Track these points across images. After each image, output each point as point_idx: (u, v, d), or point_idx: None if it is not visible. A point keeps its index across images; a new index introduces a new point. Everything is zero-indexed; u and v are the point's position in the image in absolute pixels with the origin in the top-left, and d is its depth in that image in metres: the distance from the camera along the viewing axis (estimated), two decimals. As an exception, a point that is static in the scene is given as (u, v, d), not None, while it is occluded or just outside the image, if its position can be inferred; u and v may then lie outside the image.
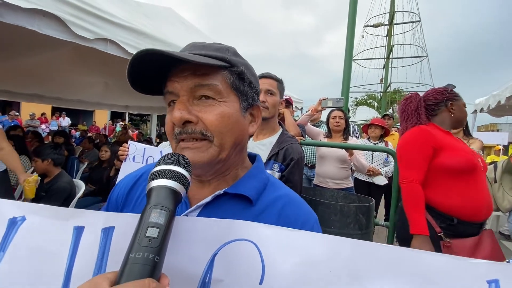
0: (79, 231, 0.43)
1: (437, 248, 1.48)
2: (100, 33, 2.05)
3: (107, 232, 0.42)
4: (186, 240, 0.40)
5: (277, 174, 1.36)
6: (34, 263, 0.42)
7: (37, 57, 3.09)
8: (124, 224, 0.42)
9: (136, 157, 1.69)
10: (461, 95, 1.71)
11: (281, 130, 1.54)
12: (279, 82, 1.52)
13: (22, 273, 0.42)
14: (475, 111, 5.48)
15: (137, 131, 11.95)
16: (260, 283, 0.37)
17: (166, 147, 2.03)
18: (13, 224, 0.45)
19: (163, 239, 0.34)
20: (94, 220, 0.43)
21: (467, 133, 2.19)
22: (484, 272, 0.35)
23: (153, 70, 0.50)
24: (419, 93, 1.79)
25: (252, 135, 1.40)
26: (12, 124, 6.05)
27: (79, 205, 2.67)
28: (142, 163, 1.68)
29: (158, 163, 0.42)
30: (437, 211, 1.53)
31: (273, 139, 1.48)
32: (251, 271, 0.38)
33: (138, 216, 0.42)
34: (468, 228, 1.48)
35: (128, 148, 1.71)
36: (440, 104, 1.67)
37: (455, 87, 1.71)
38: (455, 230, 1.49)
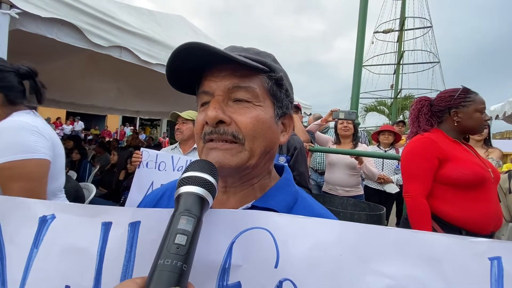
0: (107, 226, 0.46)
1: None
2: (114, 40, 2.12)
3: (134, 226, 0.45)
4: (206, 230, 0.42)
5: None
6: (66, 259, 0.45)
7: (54, 64, 3.22)
8: (149, 218, 0.45)
9: (149, 163, 1.79)
10: (476, 97, 1.47)
11: None
12: None
13: (56, 269, 0.45)
14: (490, 118, 5.31)
15: (145, 136, 12.14)
16: (275, 266, 0.40)
17: (169, 151, 2.08)
18: (44, 222, 0.47)
19: (191, 247, 0.34)
20: (121, 216, 0.46)
21: (487, 142, 2.09)
22: (486, 249, 0.36)
23: (189, 68, 0.50)
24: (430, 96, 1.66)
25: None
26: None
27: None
28: (155, 168, 1.78)
29: (186, 169, 0.42)
30: (444, 222, 1.46)
31: None
32: (267, 256, 0.41)
33: (161, 211, 0.44)
34: None
35: (141, 155, 1.79)
36: (444, 111, 1.55)
37: (467, 89, 1.51)
38: None
